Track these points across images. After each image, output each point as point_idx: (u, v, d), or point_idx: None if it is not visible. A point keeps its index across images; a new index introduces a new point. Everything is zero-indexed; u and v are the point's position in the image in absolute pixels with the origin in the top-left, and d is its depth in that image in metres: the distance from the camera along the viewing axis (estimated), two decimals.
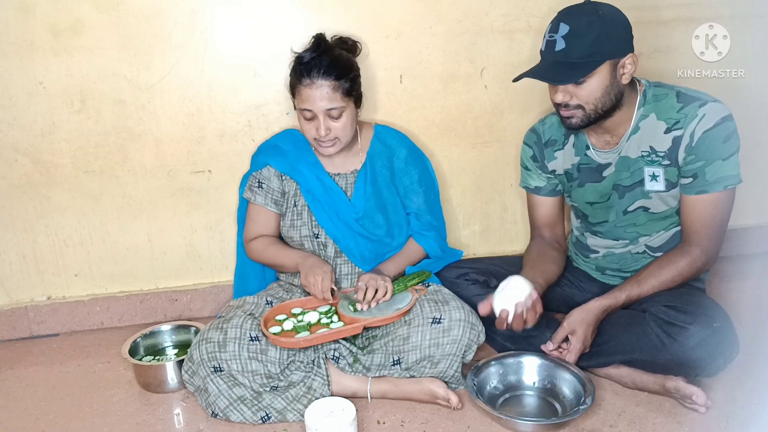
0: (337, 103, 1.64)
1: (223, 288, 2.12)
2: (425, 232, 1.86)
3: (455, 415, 1.56)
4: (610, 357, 1.60)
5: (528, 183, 1.84)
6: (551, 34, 1.50)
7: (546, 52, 1.52)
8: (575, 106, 1.54)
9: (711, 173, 1.52)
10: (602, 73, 1.49)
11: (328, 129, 1.66)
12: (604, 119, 1.57)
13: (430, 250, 1.86)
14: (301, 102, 1.66)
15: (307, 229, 1.78)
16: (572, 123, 1.57)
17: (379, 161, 1.82)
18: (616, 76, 1.51)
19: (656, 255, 1.69)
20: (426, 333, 1.58)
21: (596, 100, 1.52)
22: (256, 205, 1.82)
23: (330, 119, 1.66)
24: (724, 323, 1.49)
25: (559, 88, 1.53)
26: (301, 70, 1.64)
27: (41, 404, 1.69)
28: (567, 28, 1.47)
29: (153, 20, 1.85)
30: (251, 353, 1.56)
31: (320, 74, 1.62)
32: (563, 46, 1.47)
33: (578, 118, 1.55)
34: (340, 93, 1.64)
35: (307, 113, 1.66)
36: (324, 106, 1.63)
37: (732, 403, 1.54)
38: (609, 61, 1.49)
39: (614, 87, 1.52)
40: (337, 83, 1.63)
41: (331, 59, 1.65)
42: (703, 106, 1.51)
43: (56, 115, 1.89)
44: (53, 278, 2.04)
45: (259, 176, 1.81)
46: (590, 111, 1.53)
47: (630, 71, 1.52)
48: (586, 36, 1.46)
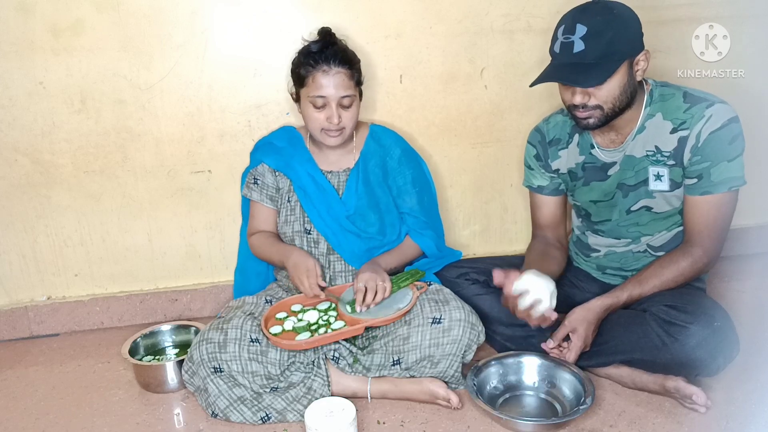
0: (350, 91, 1.68)
1: (223, 288, 2.12)
2: (422, 231, 1.86)
3: (455, 415, 1.56)
4: (610, 357, 1.60)
5: (531, 182, 1.84)
6: (567, 36, 1.47)
7: (562, 53, 1.50)
8: (593, 107, 1.52)
9: (716, 174, 1.52)
10: (621, 72, 1.48)
11: (339, 117, 1.68)
12: (617, 117, 1.56)
13: (427, 248, 1.86)
14: (315, 89, 1.66)
15: (299, 225, 1.79)
16: (589, 123, 1.55)
17: (372, 160, 1.82)
18: (632, 74, 1.51)
19: (658, 254, 1.69)
20: (426, 333, 1.58)
21: (615, 99, 1.51)
22: (254, 202, 1.84)
23: (341, 108, 1.68)
24: (725, 323, 1.49)
25: (578, 90, 1.51)
26: (316, 57, 1.66)
27: (41, 404, 1.69)
28: (584, 29, 1.45)
29: (153, 20, 1.85)
30: (251, 354, 1.56)
31: (337, 62, 1.66)
32: (582, 47, 1.45)
33: (596, 118, 1.54)
34: (354, 82, 1.70)
35: (320, 100, 1.67)
36: (339, 94, 1.66)
37: (732, 403, 1.53)
38: (626, 60, 1.48)
39: (630, 85, 1.52)
40: (350, 72, 1.68)
41: (343, 49, 1.70)
42: (710, 107, 1.51)
43: (56, 115, 1.89)
44: (53, 278, 2.04)
45: (255, 173, 1.83)
46: (608, 110, 1.53)
47: (644, 68, 1.52)
48: (603, 35, 1.44)
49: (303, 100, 1.71)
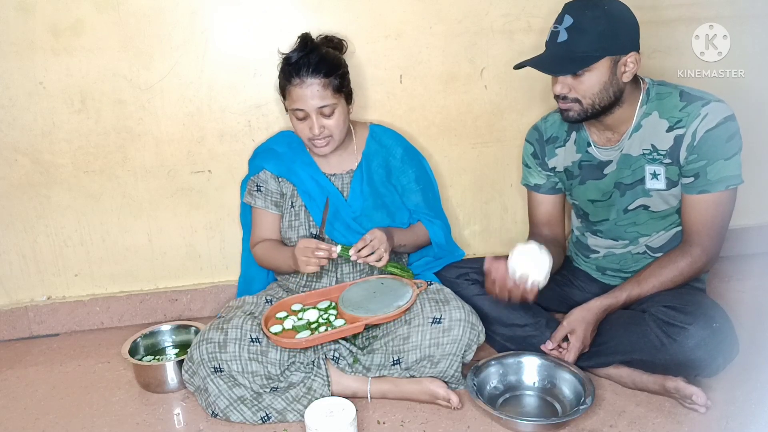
0: (328, 101, 1.64)
1: (223, 288, 2.12)
2: (432, 220, 1.86)
3: (455, 415, 1.56)
4: (609, 357, 1.60)
5: (528, 180, 1.85)
6: (556, 25, 1.51)
7: (549, 42, 1.54)
8: (573, 100, 1.54)
9: (713, 173, 1.52)
10: (601, 69, 1.50)
11: (322, 127, 1.66)
12: (603, 115, 1.58)
13: (435, 237, 1.85)
14: (293, 102, 1.66)
15: (305, 229, 1.78)
16: (569, 116, 1.58)
17: (374, 160, 1.82)
18: (617, 74, 1.52)
19: (656, 255, 1.69)
20: (426, 332, 1.58)
21: (594, 96, 1.52)
22: (258, 209, 1.82)
23: (323, 117, 1.66)
24: (724, 323, 1.49)
25: (558, 80, 1.54)
26: (289, 70, 1.64)
27: (41, 404, 1.69)
28: (571, 21, 1.47)
29: (153, 20, 1.85)
30: (251, 354, 1.56)
31: (309, 72, 1.62)
32: (565, 38, 1.48)
33: (575, 112, 1.56)
34: (331, 90, 1.65)
35: (300, 113, 1.66)
36: (316, 105, 1.63)
37: (732, 403, 1.53)
38: (609, 58, 1.49)
39: (614, 84, 1.52)
40: (326, 80, 1.63)
41: (319, 57, 1.65)
42: (706, 106, 1.51)
43: (56, 115, 1.89)
44: (53, 278, 2.04)
45: (257, 180, 1.81)
46: (587, 105, 1.54)
47: (632, 70, 1.52)
48: (589, 31, 1.46)
49: (288, 111, 1.71)
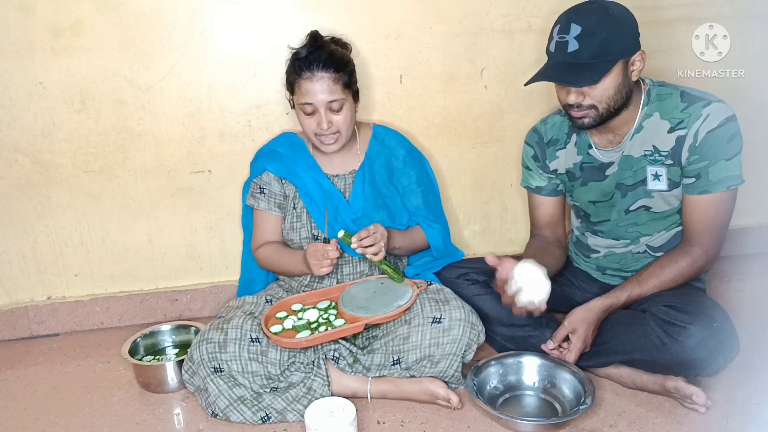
0: (337, 95, 1.65)
1: (223, 288, 2.12)
2: (431, 224, 1.86)
3: (455, 415, 1.56)
4: (610, 357, 1.60)
5: (529, 183, 1.85)
6: (562, 35, 1.48)
7: (557, 53, 1.51)
8: (588, 106, 1.53)
9: (714, 173, 1.52)
10: (615, 72, 1.49)
11: (330, 122, 1.67)
12: (614, 118, 1.57)
13: (434, 241, 1.85)
14: (302, 96, 1.66)
15: (307, 231, 1.78)
16: (584, 123, 1.56)
17: (377, 161, 1.82)
18: (627, 74, 1.52)
19: (657, 255, 1.69)
20: (426, 332, 1.58)
21: (609, 99, 1.51)
22: (261, 211, 1.82)
23: (331, 112, 1.67)
24: (724, 323, 1.49)
25: (572, 90, 1.52)
26: (300, 65, 1.66)
27: (41, 404, 1.69)
28: (579, 29, 1.46)
29: (153, 20, 1.85)
30: (251, 354, 1.56)
31: (320, 67, 1.64)
32: (576, 47, 1.46)
33: (591, 118, 1.55)
34: (341, 85, 1.66)
35: (308, 107, 1.66)
36: (325, 99, 1.64)
37: (732, 403, 1.53)
38: (622, 60, 1.49)
39: (626, 85, 1.52)
40: (336, 75, 1.65)
41: (329, 52, 1.67)
42: (708, 106, 1.51)
43: (56, 115, 1.89)
44: (53, 278, 2.04)
45: (260, 182, 1.82)
46: (603, 110, 1.53)
47: (639, 68, 1.52)
48: (597, 35, 1.45)
49: (296, 106, 1.71)
